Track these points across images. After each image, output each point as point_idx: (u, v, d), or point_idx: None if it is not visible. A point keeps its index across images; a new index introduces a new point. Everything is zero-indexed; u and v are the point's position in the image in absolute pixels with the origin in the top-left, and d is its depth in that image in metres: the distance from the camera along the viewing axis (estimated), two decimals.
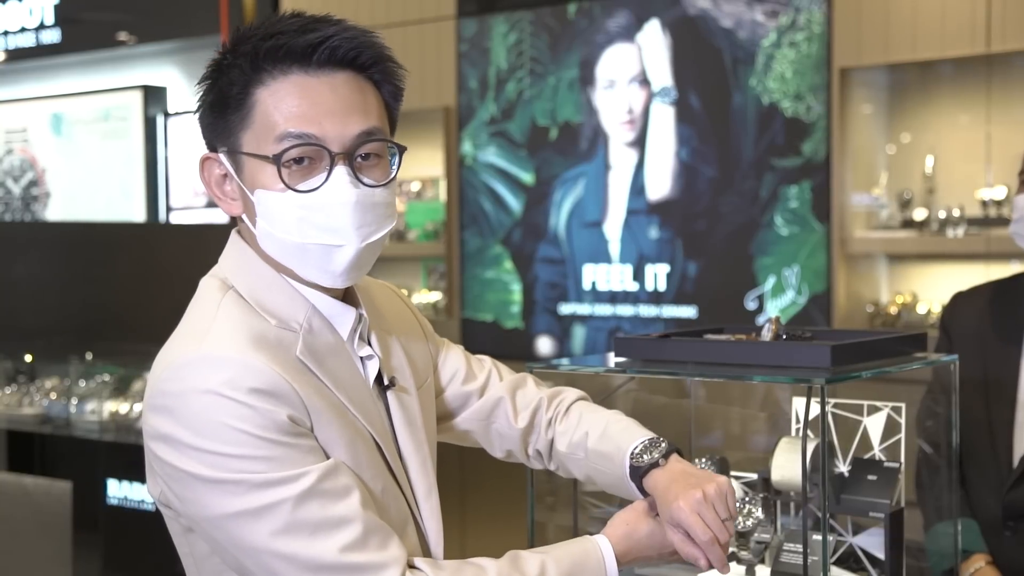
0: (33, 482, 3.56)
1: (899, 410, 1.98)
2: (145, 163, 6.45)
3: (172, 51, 6.34)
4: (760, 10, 4.40)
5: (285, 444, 1.31)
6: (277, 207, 1.39)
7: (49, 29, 6.57)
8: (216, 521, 1.32)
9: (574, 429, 1.69)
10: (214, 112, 1.42)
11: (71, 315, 5.08)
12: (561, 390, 1.78)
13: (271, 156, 1.37)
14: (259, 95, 1.39)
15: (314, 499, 1.31)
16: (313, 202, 1.37)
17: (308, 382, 1.37)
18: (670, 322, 4.66)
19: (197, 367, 1.32)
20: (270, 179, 1.38)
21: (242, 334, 1.36)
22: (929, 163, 4.30)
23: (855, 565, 1.97)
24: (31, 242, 5.40)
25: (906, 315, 4.26)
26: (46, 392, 4.85)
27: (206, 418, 1.30)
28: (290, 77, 1.38)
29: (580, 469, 1.69)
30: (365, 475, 1.39)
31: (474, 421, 1.74)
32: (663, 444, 1.58)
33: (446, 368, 1.73)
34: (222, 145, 1.43)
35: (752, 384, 2.21)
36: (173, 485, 1.35)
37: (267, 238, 1.42)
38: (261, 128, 1.39)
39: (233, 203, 1.45)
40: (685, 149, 4.62)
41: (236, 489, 1.30)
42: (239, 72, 1.39)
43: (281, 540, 1.30)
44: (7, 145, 7.19)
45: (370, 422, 1.44)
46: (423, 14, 5.24)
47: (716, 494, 1.48)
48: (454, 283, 5.24)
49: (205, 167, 1.45)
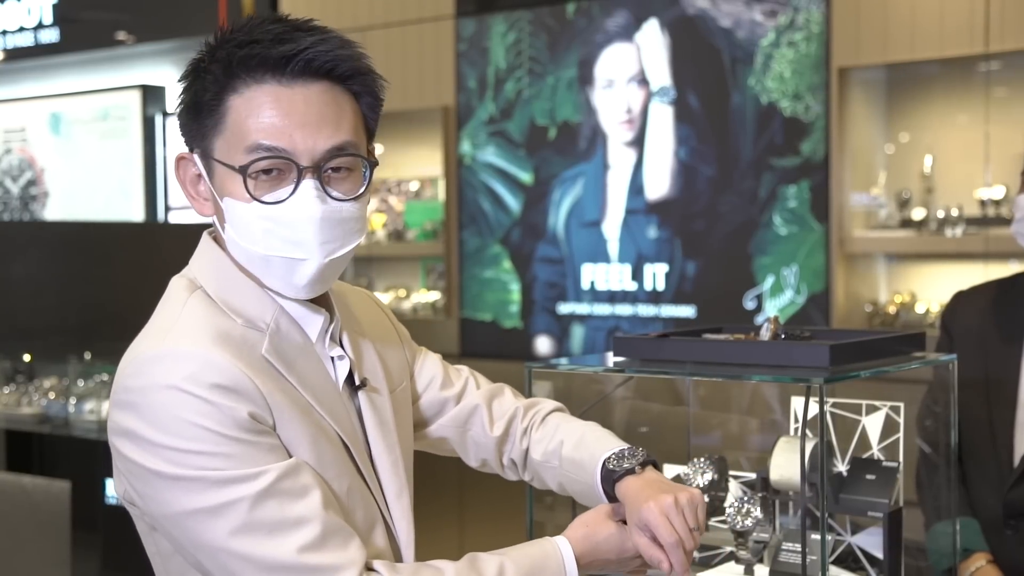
0: (32, 482, 3.56)
1: (898, 410, 1.98)
2: (144, 163, 6.45)
3: (171, 50, 6.33)
4: (759, 10, 4.40)
5: (245, 441, 1.30)
6: (243, 217, 1.38)
7: (48, 28, 6.57)
8: (175, 518, 1.32)
9: (549, 438, 1.68)
10: (189, 114, 1.41)
11: (70, 315, 5.08)
12: (538, 401, 1.78)
13: (238, 167, 1.36)
14: (232, 102, 1.37)
15: (272, 498, 1.30)
16: (279, 215, 1.36)
17: (272, 380, 1.37)
18: (669, 322, 4.66)
19: (159, 362, 1.32)
20: (238, 188, 1.37)
21: (206, 331, 1.36)
22: (928, 163, 4.30)
23: (854, 564, 1.97)
24: (29, 242, 5.39)
25: (905, 315, 4.26)
26: (45, 392, 4.84)
27: (167, 413, 1.29)
28: (264, 86, 1.37)
29: (553, 478, 1.68)
30: (329, 474, 1.38)
31: (450, 428, 1.73)
32: (641, 453, 1.57)
33: (423, 375, 1.72)
34: (196, 147, 1.42)
35: (751, 384, 2.22)
36: (135, 482, 1.34)
37: (233, 245, 1.41)
38: (232, 136, 1.37)
39: (205, 204, 1.44)
40: (684, 149, 4.62)
41: (195, 486, 1.29)
42: (213, 78, 1.38)
43: (238, 539, 1.29)
44: (6, 144, 7.18)
45: (338, 422, 1.43)
46: (422, 14, 5.24)
47: (687, 502, 1.47)
48: (453, 283, 5.24)
49: (180, 166, 1.45)
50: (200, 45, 1.42)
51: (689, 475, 2.00)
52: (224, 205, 1.39)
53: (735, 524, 1.88)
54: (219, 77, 1.37)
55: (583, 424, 1.69)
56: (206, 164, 1.41)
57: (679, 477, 2.05)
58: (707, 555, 2.04)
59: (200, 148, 1.41)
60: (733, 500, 1.93)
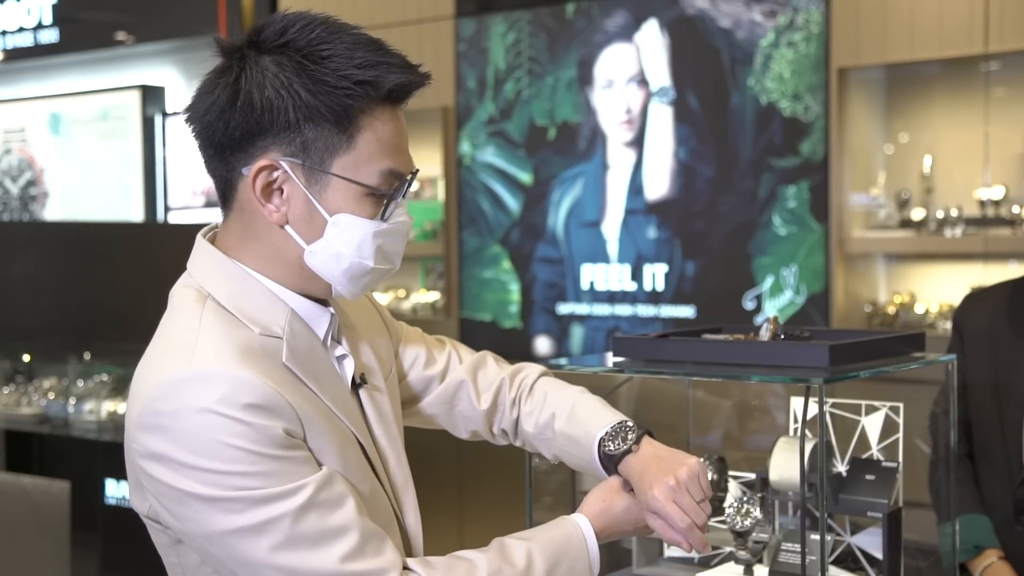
0: (31, 482, 3.55)
1: (897, 410, 1.98)
2: (143, 163, 6.45)
3: (170, 51, 6.34)
4: (758, 10, 4.41)
5: (281, 458, 1.31)
6: (362, 233, 1.41)
7: (47, 29, 6.57)
8: (214, 538, 1.31)
9: (540, 409, 1.71)
10: (314, 123, 1.38)
11: (69, 315, 5.08)
12: (522, 367, 1.80)
13: (374, 188, 1.40)
14: (363, 122, 1.39)
15: (312, 511, 1.30)
16: (393, 231, 1.45)
17: (297, 390, 1.37)
18: (668, 322, 4.66)
19: (190, 385, 1.31)
20: (361, 207, 1.41)
21: (230, 347, 1.35)
22: (927, 163, 4.30)
23: (853, 565, 1.97)
24: (29, 242, 5.39)
25: (904, 315, 4.27)
26: (44, 392, 4.85)
27: (202, 437, 1.29)
28: (387, 111, 1.42)
29: (548, 449, 1.71)
30: (354, 479, 1.39)
31: (437, 405, 1.76)
32: (631, 428, 1.59)
33: (407, 354, 1.74)
34: (298, 158, 1.39)
35: (750, 384, 2.22)
36: (167, 503, 1.33)
37: (327, 257, 1.41)
38: (362, 156, 1.40)
39: (275, 213, 1.41)
40: (683, 149, 4.62)
41: (235, 506, 1.29)
42: (358, 95, 1.38)
43: (282, 554, 1.29)
44: (5, 145, 7.18)
45: (352, 423, 1.44)
46: (421, 14, 5.24)
47: (688, 477, 1.50)
48: (452, 283, 5.24)
49: (262, 175, 1.40)
50: (210, 46, 1.42)
51: None
52: (334, 220, 1.40)
53: (735, 524, 1.88)
54: (358, 96, 1.38)
55: (571, 392, 1.71)
56: (308, 175, 1.40)
57: None
58: (706, 555, 2.04)
59: (306, 159, 1.39)
60: (733, 500, 1.93)
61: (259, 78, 1.37)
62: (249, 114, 1.38)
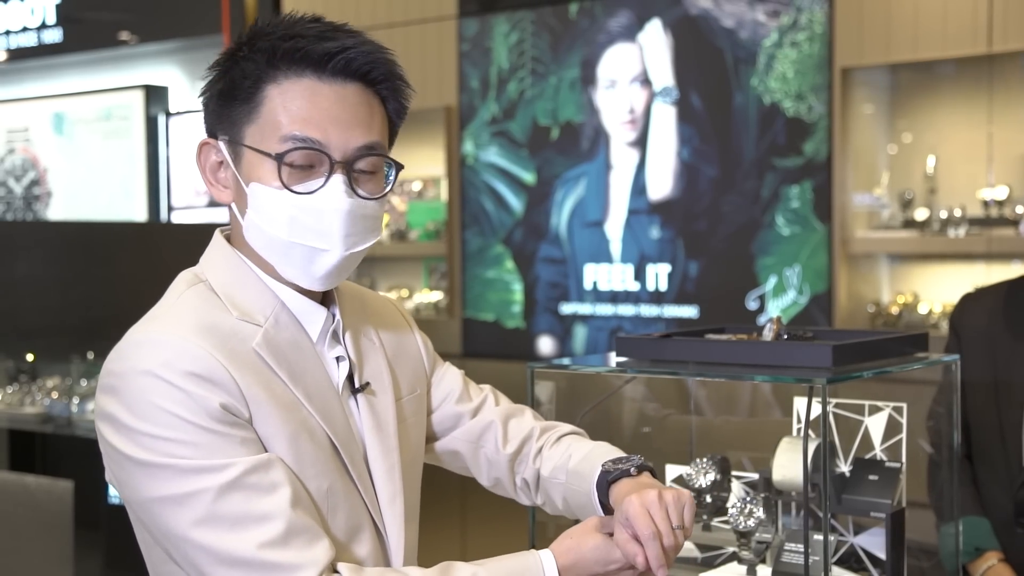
0: (35, 481, 3.56)
1: (900, 410, 1.98)
2: (147, 162, 6.46)
3: (174, 50, 6.34)
4: (761, 10, 4.40)
5: (215, 432, 1.31)
6: (270, 203, 1.41)
7: (51, 29, 6.58)
8: (144, 504, 1.33)
9: (560, 455, 1.67)
10: (221, 100, 1.44)
11: (73, 314, 5.09)
12: (556, 424, 1.76)
13: (273, 154, 1.39)
14: (269, 92, 1.41)
15: (237, 491, 1.30)
16: (307, 204, 1.40)
17: (256, 374, 1.37)
18: (671, 322, 4.66)
19: (140, 347, 1.35)
20: (268, 175, 1.40)
21: (191, 320, 1.38)
22: (930, 163, 4.30)
23: (856, 565, 1.97)
24: (33, 242, 5.40)
25: (907, 315, 4.26)
26: (48, 391, 4.85)
27: (142, 398, 1.32)
28: (302, 80, 1.41)
29: (559, 493, 1.66)
30: (307, 473, 1.38)
31: (463, 442, 1.72)
32: (639, 459, 1.57)
33: (440, 388, 1.71)
34: (223, 133, 1.44)
35: (753, 384, 2.21)
36: (112, 466, 1.37)
37: (254, 230, 1.43)
38: (266, 124, 1.41)
39: (224, 191, 1.47)
40: (686, 149, 4.62)
41: (162, 473, 1.30)
42: (253, 66, 1.41)
43: (200, 530, 1.30)
44: (9, 144, 7.19)
45: (329, 422, 1.43)
46: (424, 14, 5.24)
47: (673, 499, 1.44)
48: (455, 283, 5.24)
49: (202, 152, 1.47)
50: (213, 45, 1.45)
51: (692, 475, 2.00)
52: (250, 191, 1.42)
53: (737, 524, 1.88)
54: (260, 65, 1.41)
55: (593, 443, 1.68)
56: (233, 150, 1.43)
57: (682, 477, 2.05)
58: (710, 555, 2.04)
59: (228, 134, 1.44)
60: (736, 500, 1.93)
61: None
62: (207, 102, 1.47)
